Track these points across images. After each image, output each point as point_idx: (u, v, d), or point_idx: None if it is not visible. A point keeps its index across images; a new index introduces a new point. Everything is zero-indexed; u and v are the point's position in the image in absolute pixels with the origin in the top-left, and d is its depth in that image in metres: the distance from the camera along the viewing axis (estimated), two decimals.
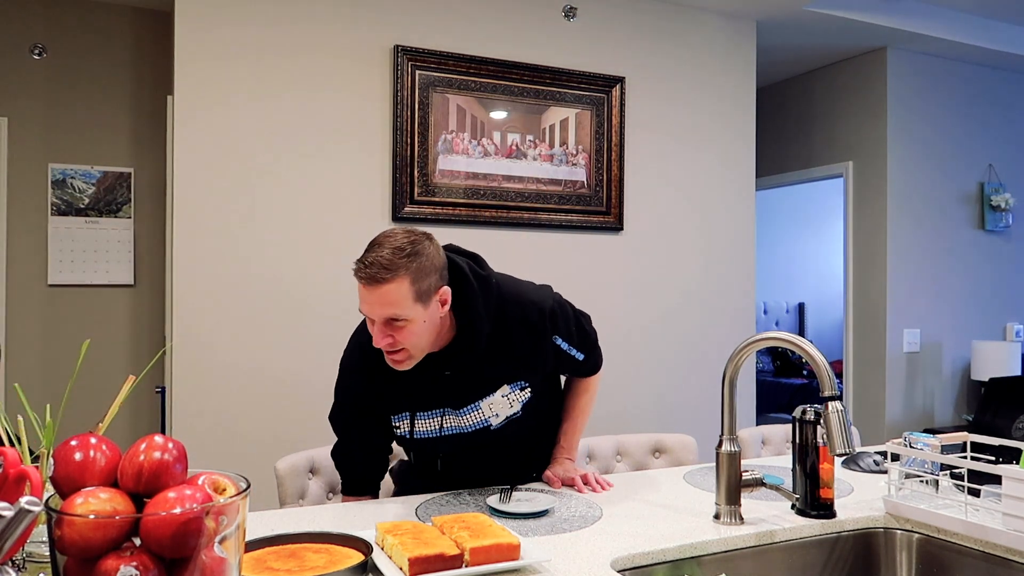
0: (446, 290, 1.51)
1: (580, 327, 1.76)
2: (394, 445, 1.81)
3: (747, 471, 1.55)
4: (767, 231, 7.39)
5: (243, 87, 2.98)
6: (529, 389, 1.70)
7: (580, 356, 1.75)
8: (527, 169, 3.43)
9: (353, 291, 3.17)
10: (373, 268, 1.43)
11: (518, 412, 1.70)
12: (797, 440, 1.61)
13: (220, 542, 0.73)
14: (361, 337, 1.65)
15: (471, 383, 1.65)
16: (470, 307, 1.56)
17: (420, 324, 1.46)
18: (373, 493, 1.79)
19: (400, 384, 1.63)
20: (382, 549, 1.29)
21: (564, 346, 1.71)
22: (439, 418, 1.66)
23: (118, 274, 3.69)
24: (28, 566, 1.04)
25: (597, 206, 3.57)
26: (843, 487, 1.74)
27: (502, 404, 1.67)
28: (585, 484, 1.73)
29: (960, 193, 4.67)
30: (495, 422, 1.69)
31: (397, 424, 1.69)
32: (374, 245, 1.47)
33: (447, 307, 1.52)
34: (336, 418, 1.75)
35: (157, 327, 3.72)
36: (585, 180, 3.54)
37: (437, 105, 3.27)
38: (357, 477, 1.77)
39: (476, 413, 1.67)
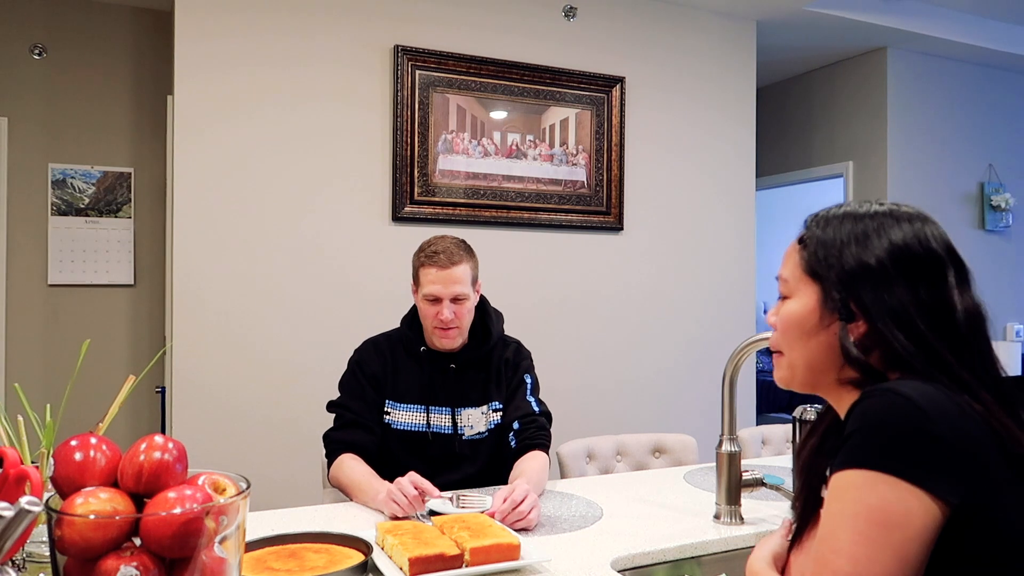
0: (479, 283, 1.85)
1: (537, 381, 1.94)
2: None
3: (747, 471, 1.55)
4: (767, 231, 7.38)
5: (243, 87, 2.98)
6: (500, 413, 1.86)
7: (536, 407, 1.87)
8: (527, 169, 3.43)
9: (352, 290, 3.18)
10: (447, 254, 1.75)
11: (484, 433, 1.85)
12: (797, 440, 1.60)
13: (220, 542, 0.73)
14: (376, 338, 1.91)
15: (466, 384, 1.84)
16: (485, 309, 1.90)
17: (471, 302, 1.80)
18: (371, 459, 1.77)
19: (411, 372, 1.84)
20: (382, 549, 1.29)
21: (529, 383, 1.89)
22: (424, 414, 1.82)
23: (118, 274, 3.69)
24: (28, 566, 1.04)
25: (597, 206, 3.57)
26: None
27: (478, 418, 1.85)
28: (514, 508, 1.45)
29: (960, 193, 4.67)
30: (467, 433, 1.83)
31: (390, 411, 1.83)
32: (433, 241, 1.80)
33: (478, 297, 1.84)
34: (346, 386, 1.85)
35: (157, 327, 3.72)
36: (585, 180, 3.54)
37: (437, 105, 3.27)
38: (361, 440, 1.78)
39: (457, 418, 1.83)
